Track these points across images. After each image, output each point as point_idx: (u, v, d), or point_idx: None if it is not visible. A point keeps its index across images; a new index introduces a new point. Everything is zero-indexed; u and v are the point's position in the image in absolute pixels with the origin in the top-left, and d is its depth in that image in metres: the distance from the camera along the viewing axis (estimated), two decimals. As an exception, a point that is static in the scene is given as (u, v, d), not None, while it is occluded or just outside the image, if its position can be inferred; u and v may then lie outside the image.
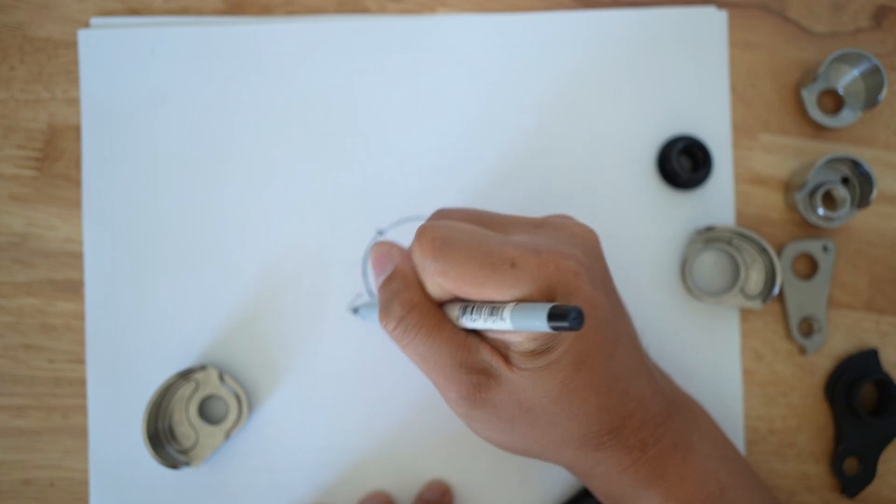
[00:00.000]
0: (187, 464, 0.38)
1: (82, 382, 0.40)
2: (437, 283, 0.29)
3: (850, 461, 0.40)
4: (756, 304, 0.39)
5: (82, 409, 0.39)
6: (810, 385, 0.41)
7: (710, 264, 0.41)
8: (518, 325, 0.26)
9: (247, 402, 0.39)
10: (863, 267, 0.41)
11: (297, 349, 0.40)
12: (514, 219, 0.32)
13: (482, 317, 0.28)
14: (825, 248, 0.40)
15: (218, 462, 0.39)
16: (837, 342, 0.41)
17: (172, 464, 0.37)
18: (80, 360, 0.40)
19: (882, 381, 0.40)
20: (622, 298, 0.34)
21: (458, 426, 0.40)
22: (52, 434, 0.39)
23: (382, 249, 0.32)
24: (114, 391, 0.39)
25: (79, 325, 0.40)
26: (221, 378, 0.39)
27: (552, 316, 0.23)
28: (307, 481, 0.39)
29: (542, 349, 0.28)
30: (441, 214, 0.33)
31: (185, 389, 0.39)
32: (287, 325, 0.40)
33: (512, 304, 0.26)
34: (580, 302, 0.27)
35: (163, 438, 0.38)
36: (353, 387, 0.40)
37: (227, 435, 0.38)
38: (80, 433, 0.39)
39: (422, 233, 0.29)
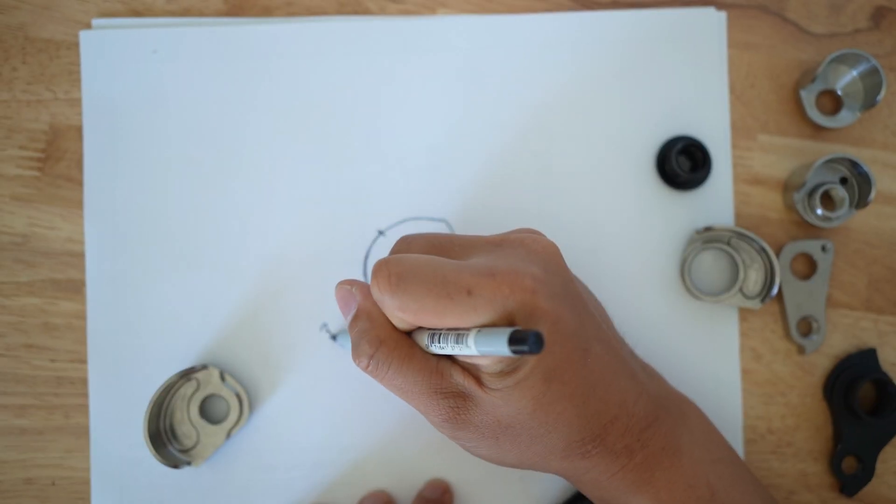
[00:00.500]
0: (188, 463, 0.38)
1: (84, 382, 0.40)
2: (399, 317, 0.29)
3: (849, 460, 0.41)
4: (755, 304, 0.40)
5: (84, 409, 0.40)
6: (809, 384, 0.41)
7: (708, 264, 0.41)
8: (482, 350, 0.26)
9: (248, 401, 0.39)
10: (861, 267, 0.41)
11: (298, 349, 0.40)
12: (473, 240, 0.32)
13: (449, 344, 0.28)
14: (824, 248, 0.40)
15: (219, 461, 0.39)
16: (836, 342, 0.41)
17: (174, 463, 0.37)
18: (82, 360, 0.40)
19: (880, 380, 0.40)
20: (599, 304, 0.34)
21: (458, 425, 0.40)
22: (54, 433, 0.40)
23: (343, 290, 0.32)
24: (115, 390, 0.39)
25: (80, 325, 0.40)
26: (222, 377, 0.39)
27: (513, 340, 0.24)
28: (308, 480, 0.39)
29: (509, 370, 0.28)
30: (403, 243, 0.33)
31: (187, 389, 0.39)
32: (288, 324, 0.40)
33: (475, 331, 0.26)
34: (540, 319, 0.28)
35: (164, 438, 0.38)
36: (353, 386, 0.40)
37: (229, 434, 0.38)
38: (82, 432, 0.40)
39: (378, 270, 0.29)
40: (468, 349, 0.27)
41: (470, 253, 0.31)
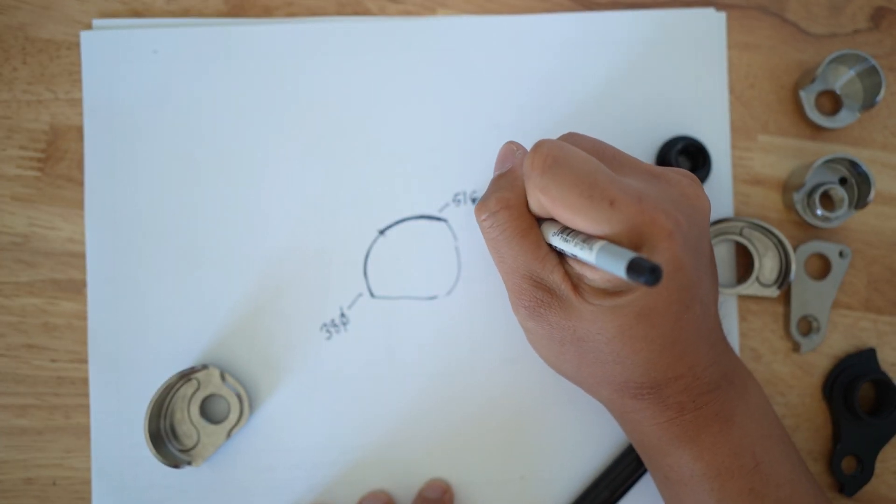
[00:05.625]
0: (189, 463, 0.38)
1: (84, 382, 0.40)
2: (538, 198, 0.30)
3: (849, 460, 0.41)
4: (772, 292, 0.40)
5: (84, 409, 0.40)
6: (808, 385, 0.41)
7: (718, 258, 0.41)
8: (601, 262, 0.27)
9: (248, 401, 0.39)
10: (861, 267, 0.41)
11: (299, 349, 0.40)
12: (635, 162, 0.32)
13: (574, 242, 0.29)
14: (841, 254, 0.40)
15: (219, 461, 0.39)
16: (835, 342, 0.41)
17: (174, 463, 0.37)
18: (83, 360, 0.40)
19: (880, 380, 0.40)
20: (717, 272, 0.34)
21: (457, 426, 0.40)
22: (55, 433, 0.40)
23: (509, 148, 0.34)
24: (116, 390, 0.39)
25: (81, 325, 0.40)
26: (223, 377, 0.39)
27: (632, 265, 0.24)
28: (308, 480, 0.39)
29: (612, 291, 0.29)
30: (571, 136, 0.33)
31: (187, 389, 0.39)
32: (288, 324, 0.40)
33: (603, 242, 0.27)
34: (664, 259, 0.28)
35: (164, 437, 0.38)
36: (353, 387, 0.40)
37: (229, 434, 0.38)
38: (83, 432, 0.40)
39: (538, 147, 0.29)
40: (588, 255, 0.27)
41: (627, 172, 0.31)
